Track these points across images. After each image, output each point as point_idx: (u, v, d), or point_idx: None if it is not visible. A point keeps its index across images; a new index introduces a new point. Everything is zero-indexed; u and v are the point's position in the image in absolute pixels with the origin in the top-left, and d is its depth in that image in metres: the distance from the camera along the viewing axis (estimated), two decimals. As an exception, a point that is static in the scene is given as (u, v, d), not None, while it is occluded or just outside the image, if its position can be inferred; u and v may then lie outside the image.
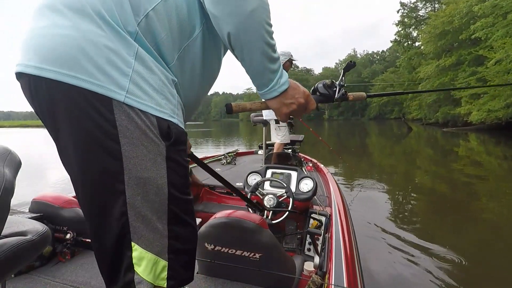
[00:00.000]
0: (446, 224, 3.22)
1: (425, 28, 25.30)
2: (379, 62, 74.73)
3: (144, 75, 0.52)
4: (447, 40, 21.65)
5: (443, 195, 4.50)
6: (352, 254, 1.27)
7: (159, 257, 0.55)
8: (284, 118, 0.71)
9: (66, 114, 0.50)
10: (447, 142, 12.77)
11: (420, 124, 28.13)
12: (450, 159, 7.87)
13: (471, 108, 16.65)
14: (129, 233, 0.52)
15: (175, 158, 0.56)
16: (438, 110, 23.95)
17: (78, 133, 0.50)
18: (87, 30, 0.49)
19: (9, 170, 0.72)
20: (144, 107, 0.52)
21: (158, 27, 0.55)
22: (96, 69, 0.49)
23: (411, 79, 34.16)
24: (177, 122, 0.57)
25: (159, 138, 0.54)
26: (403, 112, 42.49)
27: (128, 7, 0.52)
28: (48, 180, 6.24)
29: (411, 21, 34.11)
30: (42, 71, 0.49)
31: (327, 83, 0.83)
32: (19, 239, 0.78)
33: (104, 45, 0.49)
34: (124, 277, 0.53)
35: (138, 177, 0.52)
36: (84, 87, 0.48)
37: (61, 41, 0.49)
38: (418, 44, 33.42)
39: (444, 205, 3.92)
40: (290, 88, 0.67)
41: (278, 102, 0.68)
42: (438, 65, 21.89)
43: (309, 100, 0.73)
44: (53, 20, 0.50)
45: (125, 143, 0.51)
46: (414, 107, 31.28)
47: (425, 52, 26.09)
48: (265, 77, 0.63)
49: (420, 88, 26.24)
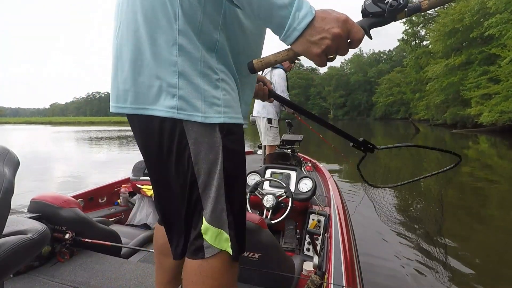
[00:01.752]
0: (453, 228, 3.04)
1: (434, 26, 24.56)
2: (385, 62, 73.60)
3: (190, 90, 0.62)
4: (457, 38, 20.99)
5: (451, 199, 4.23)
6: (351, 254, 1.28)
7: (222, 230, 0.66)
8: (319, 61, 0.57)
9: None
10: (456, 144, 12.32)
11: (428, 125, 27.63)
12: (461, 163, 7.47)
13: (482, 109, 16.04)
14: (202, 210, 0.66)
15: (230, 146, 0.66)
16: (446, 111, 23.31)
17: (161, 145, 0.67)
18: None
19: (8, 170, 0.75)
20: (204, 120, 0.62)
21: (192, 14, 0.60)
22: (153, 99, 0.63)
23: (419, 78, 33.45)
24: (228, 120, 0.65)
25: (217, 133, 0.64)
26: (409, 112, 41.82)
27: (164, 20, 0.60)
28: (53, 175, 6.33)
29: (419, 19, 33.24)
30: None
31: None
32: (19, 237, 0.80)
33: (155, 76, 0.62)
34: (196, 242, 0.67)
35: (204, 167, 0.64)
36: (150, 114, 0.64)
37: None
38: (426, 43, 32.64)
39: (451, 210, 3.68)
40: (316, 19, 0.53)
41: (304, 42, 0.54)
42: (447, 64, 21.23)
43: (350, 28, 0.54)
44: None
45: (191, 143, 0.64)
46: (421, 107, 30.60)
47: (434, 51, 25.36)
48: (277, 18, 0.53)
49: (428, 88, 25.62)
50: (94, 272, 1.26)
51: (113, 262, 1.35)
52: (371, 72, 68.94)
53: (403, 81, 44.32)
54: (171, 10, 0.59)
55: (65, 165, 7.79)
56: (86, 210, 2.13)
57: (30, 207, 1.38)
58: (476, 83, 17.76)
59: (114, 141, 15.53)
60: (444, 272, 2.11)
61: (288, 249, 1.79)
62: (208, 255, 0.66)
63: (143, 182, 2.22)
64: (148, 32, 0.61)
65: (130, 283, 1.20)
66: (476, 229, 3.10)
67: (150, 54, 0.61)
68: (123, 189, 2.43)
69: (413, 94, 36.12)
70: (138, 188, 2.21)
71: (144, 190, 2.16)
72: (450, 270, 2.15)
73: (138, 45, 0.62)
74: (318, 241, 1.50)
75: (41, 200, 1.38)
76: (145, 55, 0.62)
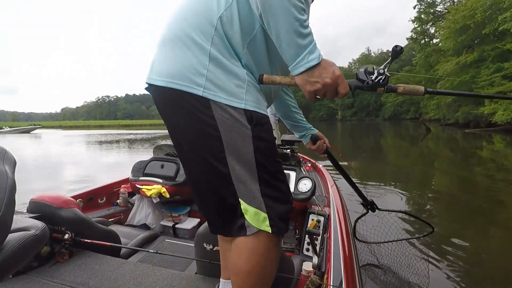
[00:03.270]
0: (466, 231, 2.92)
1: (444, 24, 24.08)
2: (394, 61, 72.45)
3: (218, 73, 0.70)
4: (468, 35, 20.53)
5: (464, 200, 4.11)
6: (350, 254, 1.28)
7: (259, 210, 0.73)
8: (308, 96, 0.71)
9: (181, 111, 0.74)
10: (469, 144, 11.98)
11: (439, 125, 27.11)
12: (472, 162, 7.34)
13: (496, 107, 15.56)
14: (236, 192, 0.73)
15: (259, 135, 0.72)
16: (458, 110, 22.78)
17: (189, 125, 0.74)
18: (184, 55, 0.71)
19: (9, 168, 0.76)
20: (230, 102, 0.70)
21: (227, 26, 0.70)
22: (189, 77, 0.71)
23: (429, 77, 32.83)
24: (257, 109, 0.73)
25: (246, 123, 0.71)
26: (419, 112, 41.08)
27: (205, 20, 0.71)
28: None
29: (429, 17, 32.65)
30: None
31: (368, 69, 0.77)
32: (24, 233, 0.83)
33: (197, 63, 0.70)
34: (238, 221, 0.75)
35: (234, 153, 0.71)
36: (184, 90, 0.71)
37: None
38: (436, 41, 32.02)
39: (464, 211, 3.56)
40: (319, 66, 0.67)
41: (303, 78, 0.68)
42: (458, 62, 20.76)
43: (339, 83, 0.69)
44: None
45: (222, 130, 0.70)
46: (432, 106, 30.02)
47: (444, 49, 24.84)
48: (292, 51, 0.65)
49: (438, 86, 25.10)
50: (94, 273, 1.25)
51: (113, 263, 1.33)
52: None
53: (413, 80, 43.58)
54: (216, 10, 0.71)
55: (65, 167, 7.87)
56: (86, 210, 2.12)
57: (29, 208, 1.38)
58: (490, 81, 17.29)
59: (122, 143, 15.68)
60: (450, 272, 2.07)
61: (288, 249, 1.80)
62: (250, 233, 0.74)
63: (142, 182, 2.19)
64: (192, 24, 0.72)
65: (129, 284, 1.19)
66: (491, 232, 2.96)
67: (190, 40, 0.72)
68: (122, 189, 2.41)
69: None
70: (137, 189, 2.19)
71: (143, 190, 2.13)
72: (456, 271, 2.10)
73: (181, 33, 0.73)
74: (318, 241, 1.50)
75: (40, 201, 1.37)
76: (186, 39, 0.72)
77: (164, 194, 2.09)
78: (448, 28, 22.32)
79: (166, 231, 2.21)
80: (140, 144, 14.76)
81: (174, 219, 2.22)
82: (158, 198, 2.11)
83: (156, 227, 2.21)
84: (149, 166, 2.32)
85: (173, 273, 1.27)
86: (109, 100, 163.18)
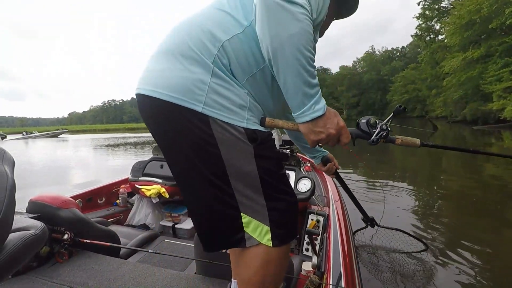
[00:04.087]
0: (475, 232, 2.85)
1: (449, 19, 23.75)
2: (399, 59, 71.93)
3: (219, 91, 0.68)
4: (475, 30, 20.21)
5: (474, 199, 3.99)
6: (350, 254, 1.28)
7: (262, 223, 0.72)
8: (311, 144, 0.73)
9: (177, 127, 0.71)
10: (477, 141, 11.77)
11: (446, 122, 26.73)
12: (481, 160, 7.16)
13: (505, 103, 15.30)
14: (238, 206, 0.72)
15: (263, 154, 0.71)
16: (465, 107, 22.44)
17: (188, 141, 0.70)
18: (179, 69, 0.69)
19: (8, 168, 0.76)
20: (230, 121, 0.68)
21: (231, 54, 0.69)
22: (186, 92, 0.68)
23: (435, 74, 32.42)
24: (259, 128, 0.72)
25: (247, 142, 0.69)
26: (426, 109, 40.60)
27: (208, 42, 0.69)
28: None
29: (433, 13, 32.27)
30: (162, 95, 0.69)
31: (371, 122, 0.82)
32: (25, 233, 0.83)
33: (198, 79, 0.68)
34: (237, 234, 0.74)
35: (236, 171, 0.70)
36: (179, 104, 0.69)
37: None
38: (441, 37, 31.62)
39: (475, 213, 3.45)
40: (324, 116, 0.68)
41: (308, 127, 0.69)
42: (465, 58, 20.46)
43: (342, 133, 0.72)
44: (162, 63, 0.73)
45: (222, 148, 0.69)
46: (439, 104, 29.64)
47: (450, 45, 24.51)
48: (298, 100, 0.66)
49: (445, 83, 24.75)
50: (93, 273, 1.25)
51: (112, 263, 1.33)
52: (385, 70, 67.59)
53: (418, 77, 43.16)
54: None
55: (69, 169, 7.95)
56: (85, 210, 2.13)
57: (29, 208, 1.38)
58: (498, 76, 17.00)
59: (123, 147, 15.81)
60: (456, 273, 2.05)
61: None
62: (250, 245, 0.74)
63: (142, 183, 2.19)
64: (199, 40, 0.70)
65: (129, 284, 1.18)
66: (503, 233, 2.87)
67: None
68: (122, 189, 2.41)
69: (429, 91, 35.14)
70: (137, 189, 2.19)
71: (143, 190, 2.12)
72: (463, 272, 2.07)
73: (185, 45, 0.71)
74: (317, 241, 1.49)
75: (40, 201, 1.36)
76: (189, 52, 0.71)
77: (163, 194, 2.09)
78: (453, 23, 21.99)
79: (166, 231, 2.21)
80: (146, 146, 14.87)
81: (173, 219, 2.22)
82: (158, 198, 2.11)
83: (155, 227, 2.21)
84: (148, 166, 2.32)
85: (172, 273, 1.26)
86: (115, 104, 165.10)
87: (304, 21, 0.60)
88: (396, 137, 0.83)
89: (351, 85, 73.77)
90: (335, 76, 79.10)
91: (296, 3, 0.60)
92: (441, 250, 2.40)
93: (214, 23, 0.70)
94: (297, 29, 0.60)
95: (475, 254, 2.31)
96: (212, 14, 0.73)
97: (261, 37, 0.64)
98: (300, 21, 0.60)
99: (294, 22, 0.60)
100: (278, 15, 0.60)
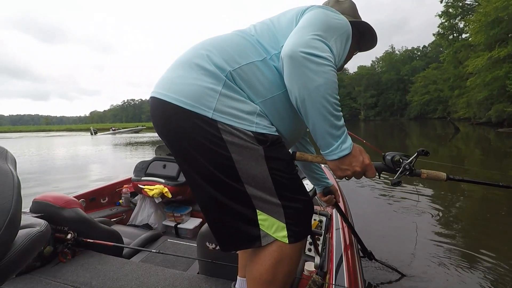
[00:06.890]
0: (495, 238, 2.72)
1: (474, 17, 22.68)
2: (420, 58, 69.36)
3: (230, 99, 0.72)
4: (501, 28, 19.18)
5: (498, 205, 3.78)
6: (352, 254, 1.28)
7: (278, 220, 0.74)
8: (338, 178, 0.79)
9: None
10: (503, 144, 11.14)
11: (469, 124, 25.50)
12: (506, 163, 6.78)
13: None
14: (253, 205, 0.74)
15: (273, 155, 0.73)
16: (490, 108, 21.33)
17: (198, 146, 0.73)
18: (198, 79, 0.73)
19: (12, 167, 0.77)
20: (239, 125, 0.71)
21: (245, 76, 0.74)
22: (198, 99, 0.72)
23: (457, 74, 31.05)
24: (268, 131, 0.74)
25: (257, 144, 0.72)
26: (448, 111, 39.00)
27: (224, 62, 0.74)
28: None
29: (457, 11, 30.92)
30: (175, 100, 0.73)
31: (395, 159, 0.85)
32: (31, 230, 0.83)
33: (209, 87, 0.72)
34: (253, 232, 0.75)
35: (248, 173, 0.72)
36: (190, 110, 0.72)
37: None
38: (465, 36, 30.23)
39: (497, 217, 3.30)
40: (350, 155, 0.72)
41: (335, 164, 0.74)
42: (490, 57, 19.44)
43: (368, 169, 0.76)
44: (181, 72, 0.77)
45: (233, 152, 0.71)
46: (461, 105, 28.35)
47: (474, 44, 23.39)
48: (326, 141, 0.71)
49: (468, 83, 23.68)
50: (96, 272, 1.25)
51: (115, 263, 1.34)
52: (405, 69, 65.38)
53: (440, 77, 41.43)
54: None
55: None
56: (88, 210, 2.15)
57: (32, 207, 1.39)
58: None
59: (130, 145, 16.19)
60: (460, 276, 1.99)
61: None
62: (265, 243, 0.75)
63: (144, 183, 2.20)
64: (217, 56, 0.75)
65: (132, 283, 1.19)
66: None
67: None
68: (124, 189, 2.43)
69: (452, 91, 33.63)
70: (139, 189, 2.20)
71: (145, 190, 2.14)
72: (465, 273, 2.01)
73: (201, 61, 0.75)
74: (320, 242, 1.51)
75: (43, 201, 1.38)
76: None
77: (166, 194, 2.10)
78: (478, 21, 20.96)
79: (168, 231, 2.21)
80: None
81: (176, 219, 2.22)
82: (160, 198, 2.13)
83: (158, 227, 2.22)
84: (151, 166, 2.33)
85: (175, 273, 1.27)
86: (134, 103, 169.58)
87: (329, 72, 0.66)
88: (421, 171, 0.84)
89: (369, 85, 71.92)
90: (353, 76, 77.27)
91: (321, 57, 0.66)
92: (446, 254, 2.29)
93: (234, 48, 0.76)
94: (323, 80, 0.65)
95: (490, 264, 2.17)
96: (235, 39, 0.79)
97: (290, 87, 0.70)
98: (326, 73, 0.66)
99: (321, 74, 0.65)
100: (305, 69, 0.65)
